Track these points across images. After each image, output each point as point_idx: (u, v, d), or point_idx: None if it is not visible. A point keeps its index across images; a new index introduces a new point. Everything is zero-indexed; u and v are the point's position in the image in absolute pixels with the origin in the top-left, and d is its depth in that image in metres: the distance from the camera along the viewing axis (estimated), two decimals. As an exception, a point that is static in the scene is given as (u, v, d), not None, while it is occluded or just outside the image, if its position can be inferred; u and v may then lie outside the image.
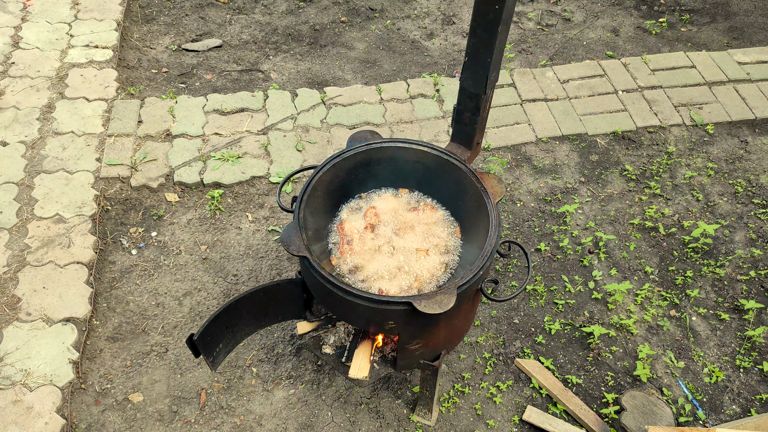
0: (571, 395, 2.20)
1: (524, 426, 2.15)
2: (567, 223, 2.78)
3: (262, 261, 2.59)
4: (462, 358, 2.32)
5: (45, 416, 2.03)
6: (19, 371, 2.14)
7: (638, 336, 2.40)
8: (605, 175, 3.00)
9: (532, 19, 4.00)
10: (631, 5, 4.12)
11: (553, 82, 3.42)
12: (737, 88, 3.40)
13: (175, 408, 2.16)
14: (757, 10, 4.08)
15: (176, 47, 3.59)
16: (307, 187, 1.72)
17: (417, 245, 1.80)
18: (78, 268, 2.46)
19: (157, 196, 2.81)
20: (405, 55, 3.71)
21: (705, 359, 2.35)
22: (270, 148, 3.02)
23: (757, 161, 3.09)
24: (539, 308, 2.48)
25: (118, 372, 2.24)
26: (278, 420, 2.14)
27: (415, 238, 1.82)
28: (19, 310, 2.32)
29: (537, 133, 3.16)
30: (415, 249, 1.79)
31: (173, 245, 2.63)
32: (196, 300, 2.46)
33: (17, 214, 2.63)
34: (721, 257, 2.67)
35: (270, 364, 2.28)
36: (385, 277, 1.73)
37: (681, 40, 3.84)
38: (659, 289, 2.56)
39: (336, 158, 1.80)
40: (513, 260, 2.63)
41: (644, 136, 3.18)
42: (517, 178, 2.97)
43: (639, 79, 3.44)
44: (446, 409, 2.18)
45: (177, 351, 2.30)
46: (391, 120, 3.20)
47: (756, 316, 2.47)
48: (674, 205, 2.88)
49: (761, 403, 2.23)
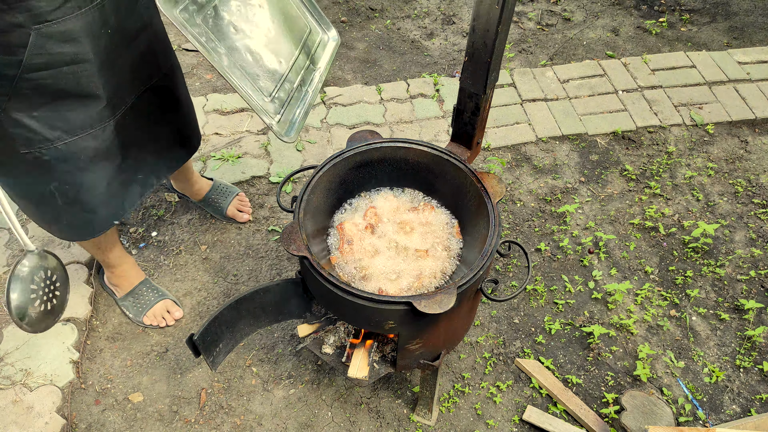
0: (571, 395, 2.20)
1: (524, 426, 2.15)
2: (567, 223, 2.78)
3: (262, 261, 2.59)
4: (462, 358, 2.32)
5: (45, 416, 2.03)
6: (19, 371, 2.14)
7: (638, 336, 2.40)
8: (605, 175, 3.00)
9: (532, 19, 4.00)
10: (631, 5, 4.11)
11: (553, 82, 3.42)
12: (737, 87, 3.40)
13: (175, 408, 2.16)
14: (757, 10, 4.08)
15: (176, 47, 3.59)
16: (307, 187, 1.72)
17: (417, 245, 1.80)
18: (78, 268, 2.46)
19: (157, 196, 2.81)
20: (405, 54, 3.71)
21: (705, 359, 2.35)
22: (270, 148, 3.02)
23: (757, 161, 3.09)
24: (539, 308, 2.48)
25: (118, 372, 2.24)
26: (278, 420, 2.14)
27: (414, 237, 1.82)
28: (19, 310, 2.32)
29: (537, 133, 3.16)
30: (414, 249, 1.79)
31: (173, 245, 2.63)
32: (196, 300, 2.46)
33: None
34: (721, 257, 2.67)
35: (270, 364, 2.28)
36: (386, 276, 1.73)
37: (681, 39, 3.84)
38: (659, 289, 2.56)
39: (336, 158, 1.80)
40: (513, 260, 2.64)
41: (644, 136, 3.18)
42: (517, 178, 2.97)
43: (639, 79, 3.44)
44: (446, 408, 2.18)
45: (177, 351, 2.31)
46: (391, 120, 3.20)
47: (756, 316, 2.47)
48: (674, 205, 2.88)
49: (761, 403, 2.23)
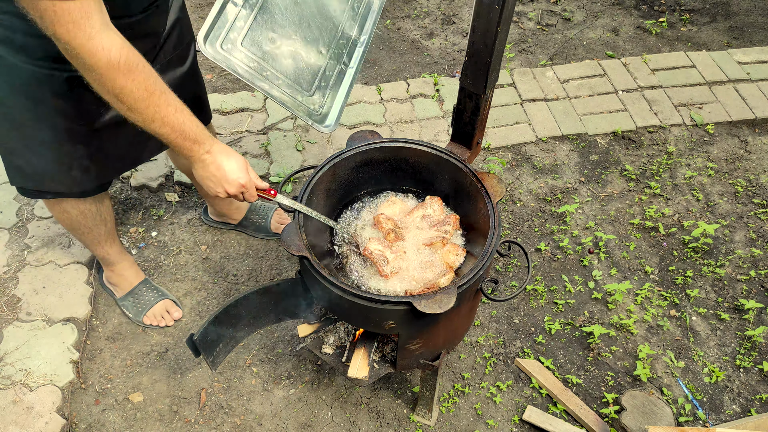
0: (571, 395, 2.20)
1: (524, 426, 2.15)
2: (567, 222, 2.78)
3: (262, 261, 2.59)
4: (462, 358, 2.32)
5: (45, 416, 2.03)
6: (19, 371, 2.14)
7: (638, 336, 2.40)
8: (605, 175, 3.00)
9: (532, 18, 4.00)
10: (631, 5, 4.11)
11: (553, 82, 3.42)
12: (737, 87, 3.40)
13: (175, 408, 2.16)
14: (757, 10, 4.08)
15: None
16: (307, 187, 1.72)
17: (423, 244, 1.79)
18: (78, 268, 2.46)
19: (157, 196, 2.81)
20: (405, 54, 3.71)
21: (705, 359, 2.35)
22: (270, 148, 3.02)
23: (757, 161, 3.09)
24: (539, 308, 2.48)
25: (118, 372, 2.24)
26: (278, 420, 2.14)
27: (419, 237, 1.81)
28: (19, 309, 2.32)
29: (537, 133, 3.16)
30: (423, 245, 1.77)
31: (173, 245, 2.63)
32: (196, 300, 2.46)
33: (17, 213, 2.63)
34: (721, 257, 2.67)
35: (270, 364, 2.28)
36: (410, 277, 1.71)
37: (681, 39, 3.84)
38: (659, 289, 2.56)
39: (336, 158, 1.80)
40: (513, 260, 2.64)
41: (644, 135, 3.18)
42: (517, 177, 2.97)
43: (639, 79, 3.44)
44: (446, 408, 2.18)
45: (177, 351, 2.31)
46: (391, 120, 3.20)
47: (756, 316, 2.47)
48: (674, 205, 2.88)
49: (761, 403, 2.23)
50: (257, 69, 1.68)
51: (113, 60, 1.26)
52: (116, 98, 1.33)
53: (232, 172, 1.54)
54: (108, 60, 1.25)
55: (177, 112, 1.42)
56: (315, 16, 1.81)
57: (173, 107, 1.41)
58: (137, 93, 1.33)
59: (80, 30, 1.20)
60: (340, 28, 1.90)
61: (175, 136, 1.43)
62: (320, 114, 1.81)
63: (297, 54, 1.76)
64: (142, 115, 1.37)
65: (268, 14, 1.70)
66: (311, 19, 1.80)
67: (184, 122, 1.43)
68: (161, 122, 1.40)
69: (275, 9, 1.72)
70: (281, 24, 1.73)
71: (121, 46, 1.28)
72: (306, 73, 1.78)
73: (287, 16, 1.74)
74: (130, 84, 1.30)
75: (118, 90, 1.30)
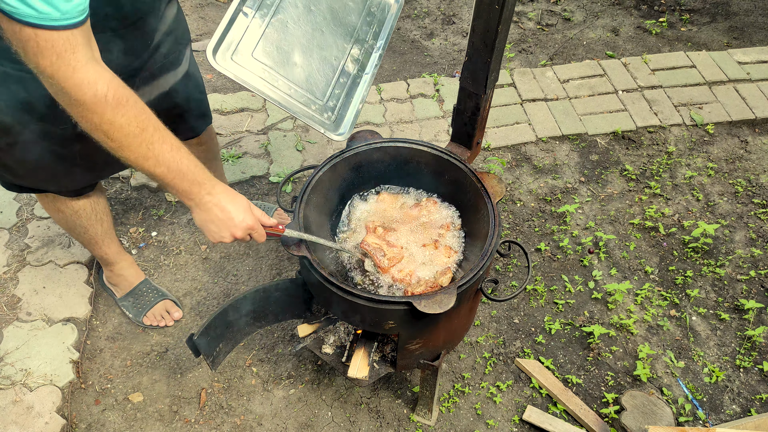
0: (571, 395, 2.20)
1: (524, 426, 2.15)
2: (567, 222, 2.78)
3: (262, 261, 2.59)
4: (462, 358, 2.32)
5: (45, 416, 2.03)
6: (19, 371, 2.14)
7: (638, 336, 2.40)
8: (605, 175, 3.00)
9: (532, 18, 4.00)
10: (631, 5, 4.12)
11: (553, 82, 3.42)
12: (737, 87, 3.40)
13: (175, 408, 2.16)
14: (757, 10, 4.08)
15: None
16: (307, 186, 1.72)
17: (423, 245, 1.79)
18: (78, 268, 2.46)
19: (157, 196, 2.81)
20: (405, 54, 3.71)
21: (705, 359, 2.35)
22: (270, 148, 3.02)
23: (757, 161, 3.09)
24: (539, 308, 2.49)
25: (118, 372, 2.24)
26: (278, 420, 2.14)
27: (419, 237, 1.82)
28: (19, 309, 2.32)
29: (537, 133, 3.16)
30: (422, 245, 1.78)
31: (173, 245, 2.63)
32: (196, 300, 2.46)
33: (17, 213, 2.63)
34: (721, 257, 2.67)
35: (270, 364, 2.28)
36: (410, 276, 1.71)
37: (681, 39, 3.84)
38: (659, 289, 2.56)
39: (336, 158, 1.80)
40: (513, 260, 2.64)
41: (644, 135, 3.18)
42: (517, 177, 2.97)
43: (639, 79, 3.44)
44: (446, 408, 2.18)
45: (177, 351, 2.31)
46: (391, 120, 3.20)
47: (756, 316, 2.47)
48: (674, 205, 2.88)
49: (761, 403, 2.23)
50: (270, 79, 1.63)
51: (100, 93, 1.18)
52: (105, 135, 1.24)
53: (237, 214, 1.42)
54: (94, 94, 1.17)
55: (173, 150, 1.31)
56: (329, 23, 1.76)
57: (169, 144, 1.31)
58: (127, 128, 1.24)
59: (64, 63, 1.13)
60: (355, 34, 1.85)
61: (173, 176, 1.33)
62: (334, 122, 1.77)
63: (310, 62, 1.72)
64: (134, 153, 1.27)
65: (280, 23, 1.66)
66: (324, 26, 1.75)
67: (182, 161, 1.33)
68: (155, 161, 1.30)
69: (288, 18, 1.67)
70: (294, 33, 1.69)
71: (110, 80, 1.20)
72: (320, 81, 1.73)
73: (300, 25, 1.70)
74: (120, 119, 1.22)
75: (107, 125, 1.22)
